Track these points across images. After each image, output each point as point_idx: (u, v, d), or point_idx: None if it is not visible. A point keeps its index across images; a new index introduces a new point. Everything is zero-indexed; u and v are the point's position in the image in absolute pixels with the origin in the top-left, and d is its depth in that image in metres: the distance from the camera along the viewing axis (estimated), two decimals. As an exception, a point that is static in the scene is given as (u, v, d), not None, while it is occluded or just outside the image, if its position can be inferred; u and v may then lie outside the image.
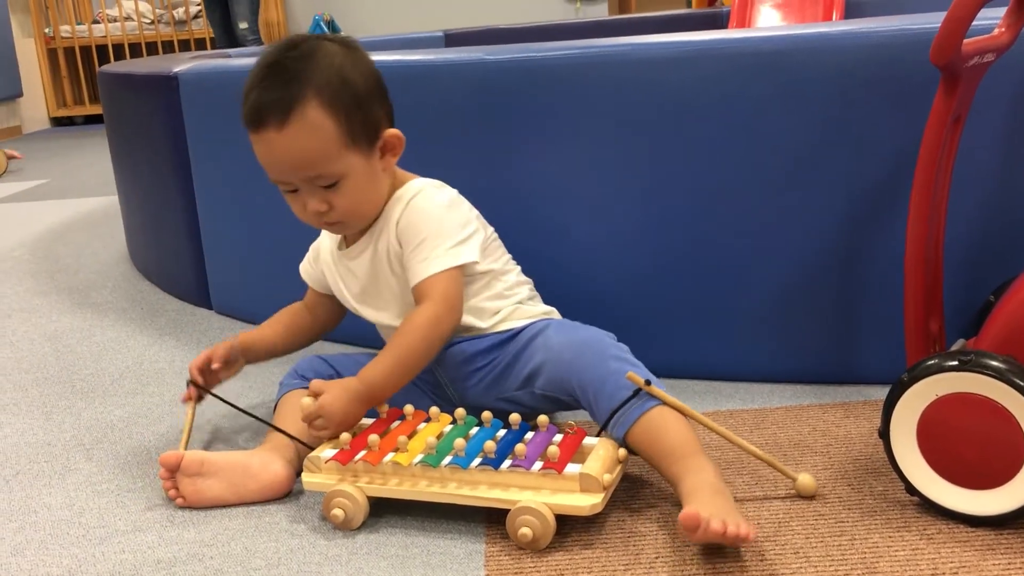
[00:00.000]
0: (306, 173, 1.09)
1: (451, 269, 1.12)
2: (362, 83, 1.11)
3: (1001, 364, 0.90)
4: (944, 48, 0.93)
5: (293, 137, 1.07)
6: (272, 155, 1.10)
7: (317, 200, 1.11)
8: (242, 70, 1.70)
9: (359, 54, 1.14)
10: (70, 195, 3.42)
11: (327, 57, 1.09)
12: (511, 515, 0.96)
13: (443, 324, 1.11)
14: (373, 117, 1.12)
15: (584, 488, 0.97)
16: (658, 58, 1.29)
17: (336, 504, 1.01)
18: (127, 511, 1.10)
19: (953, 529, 0.94)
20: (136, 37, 6.15)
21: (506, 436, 1.05)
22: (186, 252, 1.89)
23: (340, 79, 1.09)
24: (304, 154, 1.08)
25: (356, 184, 1.11)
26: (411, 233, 1.14)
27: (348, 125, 1.09)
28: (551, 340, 1.13)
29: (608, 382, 1.05)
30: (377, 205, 1.17)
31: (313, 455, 1.06)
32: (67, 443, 1.30)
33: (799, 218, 1.27)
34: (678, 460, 0.99)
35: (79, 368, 1.60)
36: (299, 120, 1.06)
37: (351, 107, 1.09)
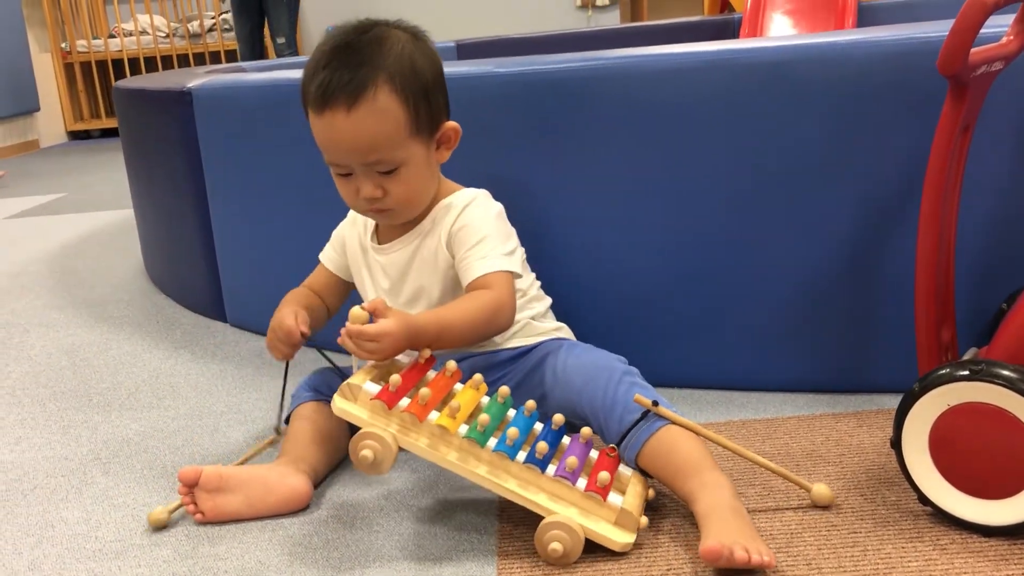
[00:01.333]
0: (369, 157, 1.09)
1: (509, 272, 1.12)
2: (430, 72, 1.12)
3: (1012, 373, 0.90)
4: (951, 58, 0.93)
5: (361, 120, 1.07)
6: (335, 136, 1.09)
7: (372, 185, 1.11)
8: (255, 85, 1.73)
9: (426, 43, 1.15)
10: (87, 209, 3.45)
11: (398, 43, 1.10)
12: (545, 525, 0.95)
13: (502, 313, 1.10)
14: (437, 107, 1.13)
15: (619, 523, 0.96)
16: (668, 69, 1.29)
17: (366, 446, 0.97)
18: (143, 525, 1.11)
19: (966, 539, 0.94)
20: (152, 51, 6.20)
21: (544, 433, 1.03)
22: (201, 265, 1.90)
23: (411, 66, 1.09)
24: (370, 138, 1.08)
25: (414, 172, 1.12)
26: (468, 234, 1.14)
27: (415, 113, 1.09)
28: (561, 364, 1.13)
29: (617, 407, 1.06)
30: (428, 197, 1.17)
31: (353, 382, 1.01)
32: (84, 457, 1.31)
33: (811, 228, 1.27)
34: (691, 477, 0.99)
35: (96, 382, 1.62)
36: (370, 103, 1.06)
37: (419, 95, 1.10)
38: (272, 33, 4.68)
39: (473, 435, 0.99)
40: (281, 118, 1.62)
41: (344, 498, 1.14)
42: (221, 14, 6.12)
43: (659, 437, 1.02)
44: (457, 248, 1.15)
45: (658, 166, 1.31)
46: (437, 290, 1.18)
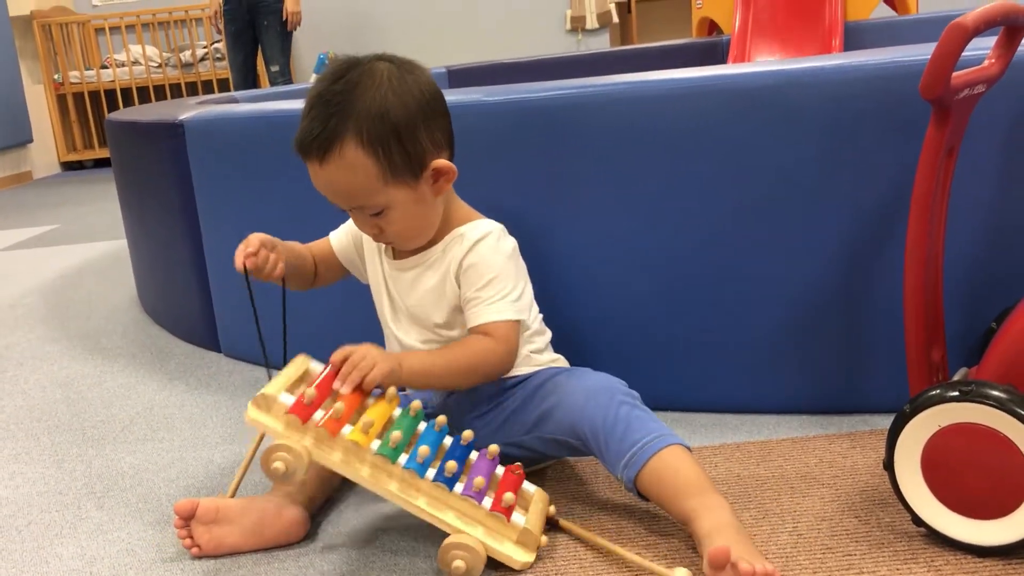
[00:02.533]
0: (350, 203, 1.12)
1: (514, 321, 1.13)
2: (403, 113, 1.08)
3: (1002, 394, 0.91)
4: (933, 82, 0.94)
5: (332, 174, 1.09)
6: (318, 184, 1.13)
7: (367, 226, 1.14)
8: (247, 116, 1.73)
9: (411, 77, 1.11)
10: (80, 240, 3.45)
11: (372, 88, 1.08)
12: (448, 543, 0.97)
13: (495, 361, 1.12)
14: (417, 148, 1.10)
15: (520, 541, 0.99)
16: (655, 95, 1.30)
17: (279, 458, 0.98)
18: (138, 559, 1.11)
19: (961, 560, 0.94)
20: (144, 81, 6.22)
21: (453, 448, 1.05)
22: (194, 296, 1.90)
23: (380, 113, 1.07)
24: (345, 189, 1.10)
25: (403, 213, 1.12)
26: (476, 275, 1.14)
27: (387, 160, 1.08)
28: (562, 385, 1.14)
29: (619, 426, 1.05)
30: (431, 227, 1.17)
31: (268, 393, 1.02)
32: (78, 492, 1.31)
33: (801, 250, 1.28)
34: (692, 496, 1.00)
35: (90, 415, 1.61)
36: (337, 159, 1.08)
37: (390, 141, 1.08)
38: (266, 61, 4.71)
39: (385, 452, 1.00)
40: (272, 149, 1.62)
41: (340, 529, 1.14)
42: (213, 43, 6.15)
43: (662, 457, 1.02)
44: (466, 286, 1.15)
45: (648, 192, 1.32)
46: (439, 317, 1.18)
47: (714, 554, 0.88)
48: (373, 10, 6.12)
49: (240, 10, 4.59)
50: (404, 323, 1.21)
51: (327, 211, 1.56)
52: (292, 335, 1.35)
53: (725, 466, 1.19)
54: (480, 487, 1.00)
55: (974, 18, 0.93)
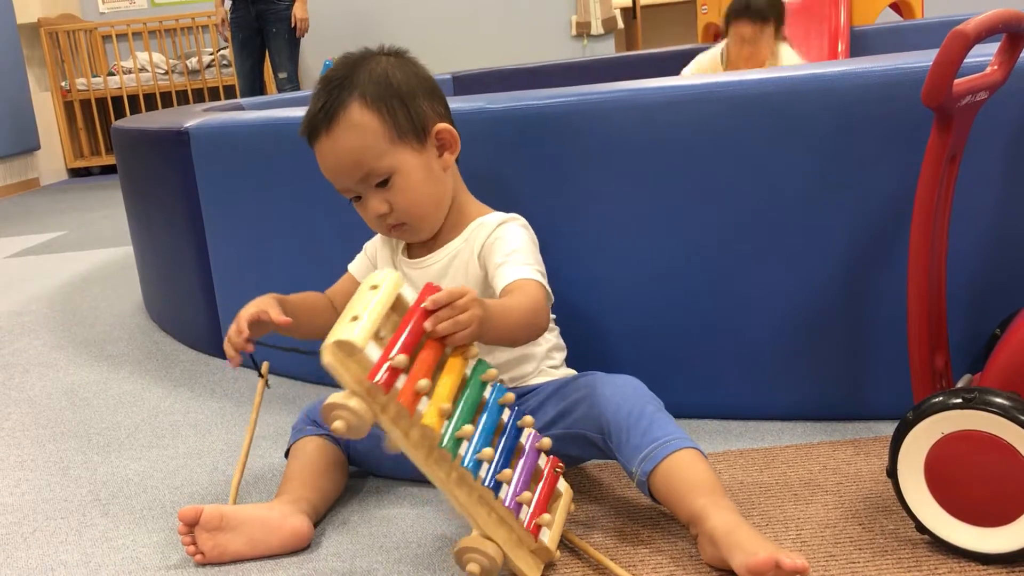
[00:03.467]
0: (358, 172, 1.12)
1: (544, 287, 1.12)
2: (404, 80, 1.14)
3: (1005, 401, 0.90)
4: (935, 90, 0.94)
5: (338, 138, 1.11)
6: (327, 161, 1.14)
7: (377, 201, 1.14)
8: (252, 123, 1.74)
9: (407, 59, 1.19)
10: (87, 247, 3.47)
11: (372, 64, 1.15)
12: (468, 544, 0.96)
13: (543, 311, 1.10)
14: (419, 112, 1.14)
15: (535, 553, 0.99)
16: (659, 102, 1.31)
17: (340, 416, 0.91)
18: (142, 567, 1.11)
19: (964, 567, 0.94)
20: (151, 88, 6.25)
21: (509, 432, 1.02)
22: (199, 302, 1.91)
23: (382, 78, 1.13)
24: (351, 153, 1.11)
25: (411, 180, 1.13)
26: (502, 245, 1.15)
27: (392, 119, 1.12)
28: (590, 383, 1.13)
29: (644, 420, 1.06)
30: (440, 205, 1.18)
31: (355, 341, 0.90)
32: (83, 499, 1.31)
33: (804, 257, 1.28)
34: (706, 495, 1.00)
35: (95, 422, 1.62)
36: (343, 121, 1.11)
37: (394, 102, 1.12)
38: (274, 68, 4.72)
39: (450, 448, 0.95)
40: (278, 156, 1.63)
41: (343, 536, 1.14)
42: (220, 50, 6.18)
43: (681, 455, 1.03)
44: (490, 257, 1.15)
45: (651, 198, 1.32)
46: None
47: (760, 565, 0.88)
48: (379, 17, 6.14)
49: (248, 17, 4.61)
50: None
51: (332, 218, 1.57)
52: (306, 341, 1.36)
53: (729, 473, 1.19)
54: (524, 502, 0.99)
55: (975, 25, 0.93)
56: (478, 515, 0.97)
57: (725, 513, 0.97)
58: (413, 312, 0.96)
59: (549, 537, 1.00)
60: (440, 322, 0.95)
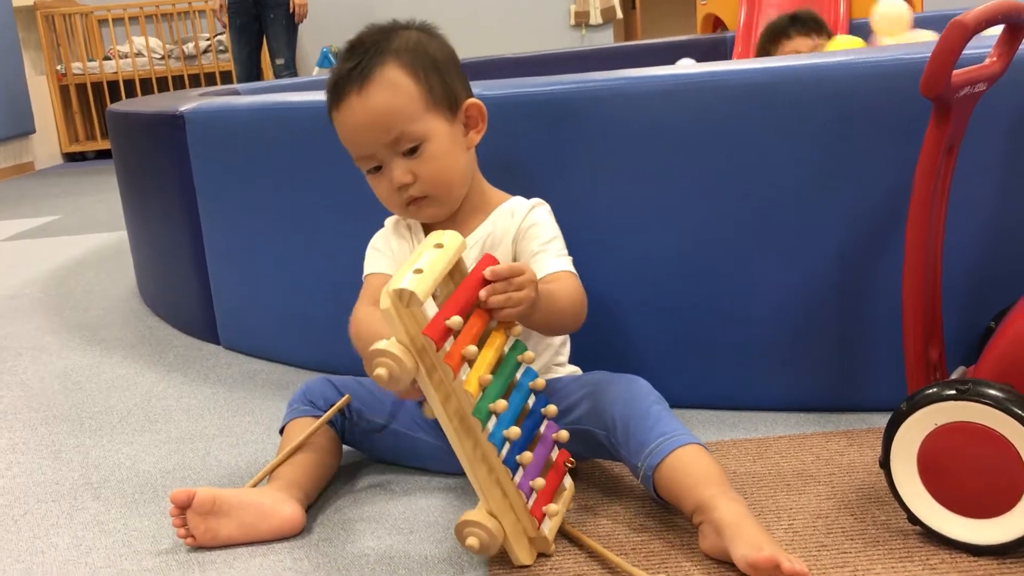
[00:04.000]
0: (388, 135, 1.09)
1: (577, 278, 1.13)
2: (440, 53, 1.13)
3: (999, 393, 0.90)
4: (934, 80, 0.94)
5: (372, 96, 1.08)
6: (354, 121, 1.10)
7: (402, 170, 1.10)
8: (248, 108, 1.73)
9: (436, 34, 1.18)
10: (81, 231, 3.46)
11: (404, 33, 1.14)
12: (471, 519, 0.96)
13: (583, 302, 1.12)
14: (452, 84, 1.13)
15: (532, 542, 1.00)
16: (656, 91, 1.30)
17: (384, 364, 0.90)
18: (134, 551, 1.11)
19: (956, 559, 0.94)
20: (147, 72, 6.22)
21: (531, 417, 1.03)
22: (193, 288, 1.90)
23: (418, 46, 1.12)
24: (385, 112, 1.08)
25: (440, 149, 1.10)
26: (540, 231, 1.14)
27: (428, 85, 1.10)
28: (596, 380, 1.14)
29: (650, 418, 1.06)
30: (463, 181, 1.15)
31: (417, 292, 0.89)
32: (75, 482, 1.31)
33: (800, 247, 1.28)
34: (712, 486, 0.99)
35: (88, 406, 1.61)
36: (379, 79, 1.08)
37: (430, 69, 1.11)
38: (271, 54, 4.70)
39: (480, 417, 0.95)
40: (274, 140, 1.62)
41: (335, 521, 1.14)
42: (216, 35, 6.15)
43: (687, 450, 1.02)
44: (530, 242, 1.14)
45: (647, 188, 1.32)
46: None
47: (762, 562, 0.88)
48: (377, 4, 6.11)
49: (246, 3, 4.59)
50: None
51: (329, 203, 1.56)
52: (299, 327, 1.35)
53: (722, 462, 1.18)
54: (535, 488, 0.99)
55: (974, 16, 0.93)
56: (491, 495, 0.97)
57: (734, 505, 0.97)
58: (473, 278, 0.96)
59: (548, 528, 1.01)
60: (495, 294, 0.96)
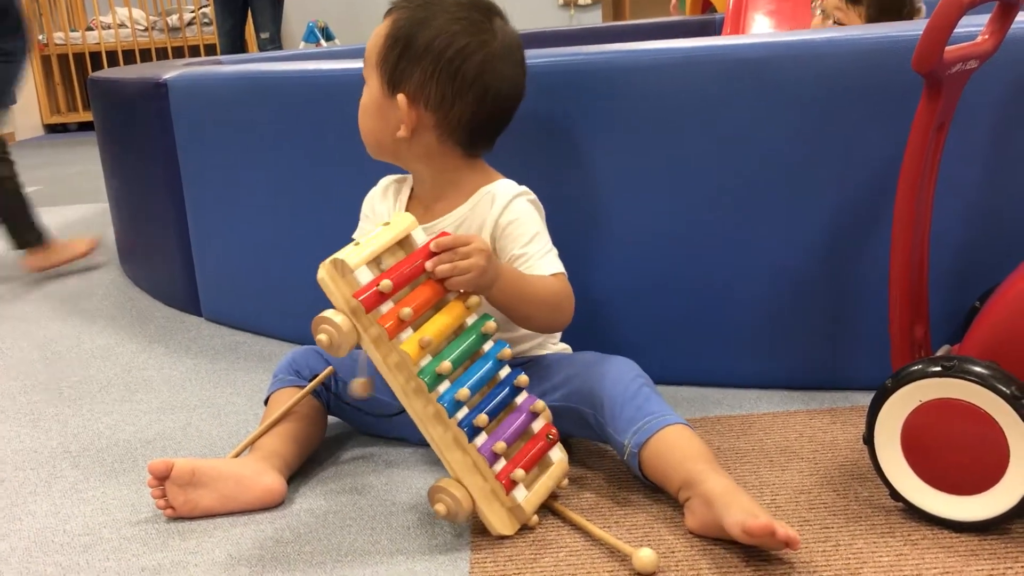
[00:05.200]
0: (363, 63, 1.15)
1: (565, 277, 1.13)
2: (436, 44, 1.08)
3: (984, 370, 0.90)
4: (926, 56, 0.93)
5: (377, 29, 1.13)
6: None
7: None
8: (232, 76, 1.71)
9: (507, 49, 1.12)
10: (61, 202, 3.42)
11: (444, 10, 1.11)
12: (439, 484, 0.98)
13: (569, 308, 1.12)
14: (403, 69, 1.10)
15: (510, 512, 1.00)
16: (643, 65, 1.29)
17: (324, 331, 0.95)
18: (112, 519, 1.10)
19: (937, 535, 0.94)
20: (130, 44, 6.14)
21: (503, 385, 1.03)
22: (176, 259, 1.89)
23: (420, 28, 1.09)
24: (368, 46, 1.14)
25: (365, 101, 1.15)
26: (518, 231, 1.13)
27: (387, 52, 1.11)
28: (583, 359, 1.15)
29: (638, 398, 1.06)
30: (375, 140, 1.16)
31: (348, 261, 0.95)
32: (53, 450, 1.30)
33: (787, 225, 1.27)
34: (703, 462, 1.00)
35: (67, 375, 1.60)
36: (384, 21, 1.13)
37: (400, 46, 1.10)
38: (256, 28, 4.64)
39: (425, 377, 0.97)
40: (258, 110, 1.61)
41: (317, 492, 1.13)
42: (201, 7, 6.08)
43: (675, 429, 1.03)
44: (510, 244, 1.12)
45: (634, 163, 1.31)
46: None
47: (757, 528, 0.88)
48: (364, -21, 6.06)
49: None
50: None
51: (311, 174, 1.55)
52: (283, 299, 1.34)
53: (706, 438, 1.18)
54: (498, 451, 0.99)
55: (969, -9, 0.92)
56: (452, 457, 0.99)
57: (723, 479, 0.98)
58: (420, 251, 1.00)
59: (526, 499, 1.00)
60: (440, 264, 0.99)
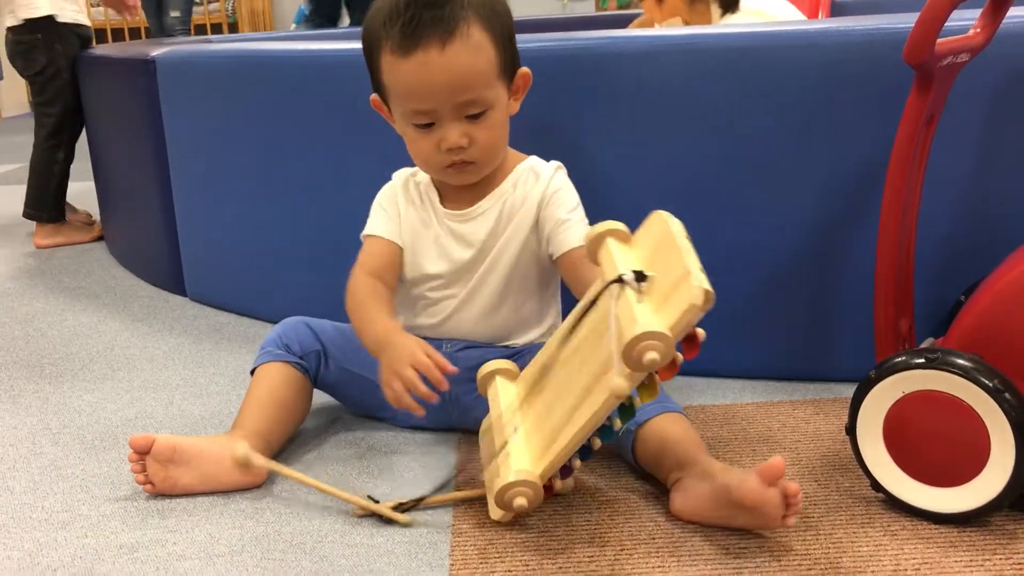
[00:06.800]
0: (463, 96, 1.03)
1: None
2: (507, 15, 1.08)
3: (967, 363, 0.91)
4: (917, 48, 0.93)
5: (456, 55, 1.01)
6: (429, 77, 1.02)
7: (459, 132, 1.05)
8: (221, 55, 1.70)
9: None
10: (48, 180, 3.39)
11: None
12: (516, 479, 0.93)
13: None
14: (515, 52, 1.09)
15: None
16: (635, 52, 1.28)
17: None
18: (91, 496, 1.09)
19: (917, 526, 0.94)
20: (119, 22, 6.10)
21: None
22: (161, 239, 1.87)
23: (493, 6, 1.06)
24: (466, 75, 1.03)
25: (499, 118, 1.08)
26: (564, 198, 1.13)
27: (501, 53, 1.06)
28: None
29: None
30: (504, 151, 1.13)
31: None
32: (33, 427, 1.29)
33: (773, 216, 1.27)
34: (700, 450, 1.01)
35: (49, 352, 1.59)
36: (464, 38, 1.01)
37: (504, 35, 1.06)
38: (164, 5, 4.21)
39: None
40: (246, 90, 1.59)
41: (297, 471, 1.12)
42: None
43: (672, 415, 1.05)
44: (556, 208, 1.12)
45: (621, 151, 1.31)
46: (515, 255, 1.14)
47: (770, 467, 0.88)
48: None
49: None
50: (482, 275, 1.15)
51: (299, 154, 1.54)
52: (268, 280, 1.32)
53: (688, 427, 1.19)
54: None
55: (961, -16, 0.92)
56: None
57: (716, 462, 0.99)
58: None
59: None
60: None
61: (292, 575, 0.92)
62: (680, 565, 0.90)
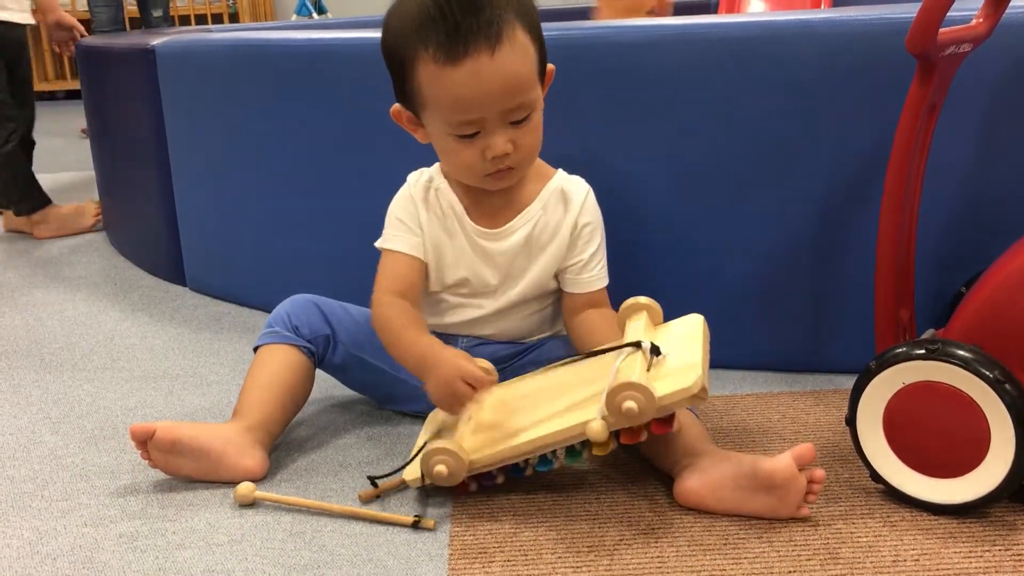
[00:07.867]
0: (513, 101, 1.00)
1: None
2: (536, 12, 1.04)
3: (967, 353, 0.90)
4: (920, 37, 0.93)
5: (506, 60, 0.97)
6: (479, 85, 0.98)
7: (504, 139, 1.02)
8: (221, 44, 1.69)
9: None
10: (47, 170, 3.38)
11: None
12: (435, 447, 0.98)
13: None
14: (545, 47, 1.05)
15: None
16: (637, 42, 1.28)
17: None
18: (92, 485, 1.09)
19: (916, 517, 0.94)
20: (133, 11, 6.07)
21: None
22: (161, 228, 1.87)
23: (527, 4, 1.02)
24: (515, 79, 0.99)
25: (539, 120, 1.05)
26: (591, 234, 1.14)
27: (539, 51, 1.03)
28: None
29: None
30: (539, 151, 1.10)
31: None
32: (33, 416, 1.29)
33: (774, 206, 1.27)
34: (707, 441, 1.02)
35: (49, 342, 1.59)
36: (511, 41, 0.97)
37: (539, 32, 1.03)
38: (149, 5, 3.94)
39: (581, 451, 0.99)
40: (246, 79, 1.59)
41: (297, 461, 1.12)
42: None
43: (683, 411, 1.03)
44: (583, 247, 1.13)
45: (623, 141, 1.30)
46: (538, 276, 1.14)
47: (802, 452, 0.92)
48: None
49: None
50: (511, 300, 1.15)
51: (299, 144, 1.53)
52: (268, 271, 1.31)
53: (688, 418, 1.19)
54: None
55: (965, -28, 0.92)
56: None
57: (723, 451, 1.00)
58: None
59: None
60: None
61: (291, 564, 0.92)
62: (679, 555, 0.90)
